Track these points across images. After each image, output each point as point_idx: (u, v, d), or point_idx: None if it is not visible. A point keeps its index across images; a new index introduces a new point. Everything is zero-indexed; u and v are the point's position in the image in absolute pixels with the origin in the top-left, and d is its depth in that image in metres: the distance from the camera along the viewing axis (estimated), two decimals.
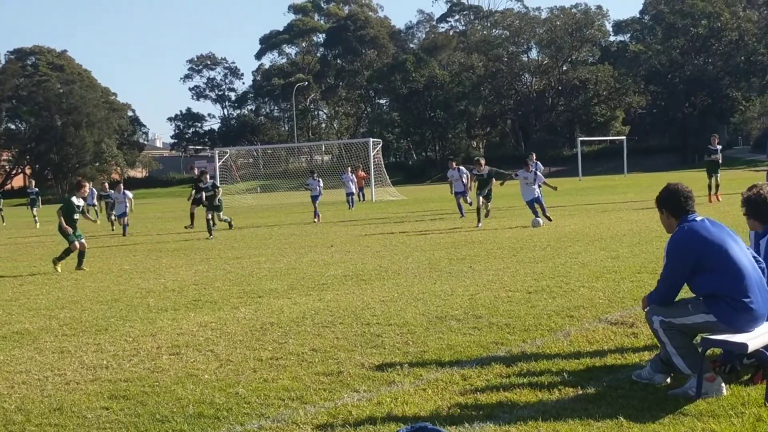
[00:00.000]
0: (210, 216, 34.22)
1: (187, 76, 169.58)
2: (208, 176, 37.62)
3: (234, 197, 76.60)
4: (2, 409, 8.94)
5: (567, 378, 9.08)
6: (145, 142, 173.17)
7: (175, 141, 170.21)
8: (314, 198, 44.51)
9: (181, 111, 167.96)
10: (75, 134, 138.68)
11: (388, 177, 74.33)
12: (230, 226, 37.57)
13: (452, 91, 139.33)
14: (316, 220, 41.81)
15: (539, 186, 31.66)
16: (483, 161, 34.79)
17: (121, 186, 41.42)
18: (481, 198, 33.40)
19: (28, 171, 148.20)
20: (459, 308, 13.71)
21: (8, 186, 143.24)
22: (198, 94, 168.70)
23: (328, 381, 9.48)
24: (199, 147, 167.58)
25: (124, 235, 38.25)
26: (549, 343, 10.81)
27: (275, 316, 13.91)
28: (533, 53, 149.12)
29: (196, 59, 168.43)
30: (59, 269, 22.87)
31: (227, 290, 17.48)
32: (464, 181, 37.95)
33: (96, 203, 48.70)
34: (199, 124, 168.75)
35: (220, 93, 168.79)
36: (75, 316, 15.09)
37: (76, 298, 17.38)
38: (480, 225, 31.23)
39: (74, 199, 23.73)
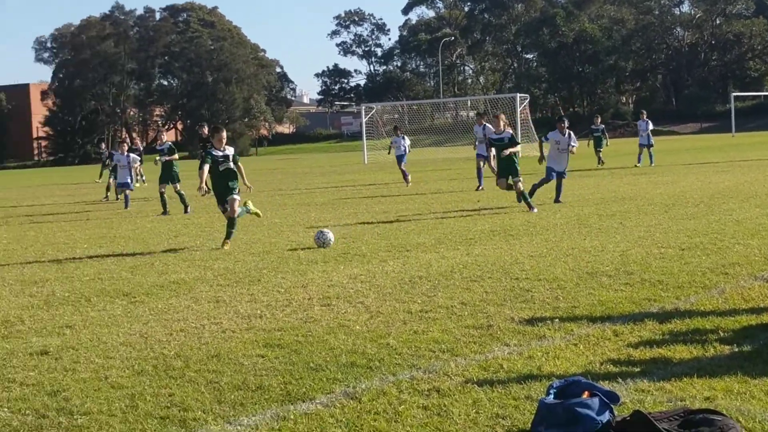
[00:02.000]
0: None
1: (334, 32, 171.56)
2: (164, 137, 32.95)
3: (380, 152, 76.94)
4: (162, 355, 9.20)
5: (722, 335, 8.93)
6: (293, 98, 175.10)
7: (322, 97, 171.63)
8: (399, 158, 38.54)
9: (327, 67, 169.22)
10: (225, 90, 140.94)
11: (535, 132, 73.66)
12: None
13: (601, 45, 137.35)
14: (407, 183, 37.08)
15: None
16: (503, 118, 24.55)
17: (125, 147, 33.87)
18: (501, 177, 24.11)
19: (179, 126, 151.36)
20: (610, 264, 13.58)
21: (158, 142, 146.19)
22: (345, 50, 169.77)
23: (477, 334, 9.51)
24: (345, 103, 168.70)
25: (125, 208, 31.61)
26: (703, 300, 10.64)
27: (423, 270, 13.99)
28: (685, 6, 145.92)
29: (343, 15, 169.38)
30: (227, 247, 18.02)
31: (375, 244, 17.61)
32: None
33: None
34: (346, 80, 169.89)
35: (366, 49, 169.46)
36: (229, 267, 15.41)
37: (229, 249, 17.72)
38: (535, 210, 22.63)
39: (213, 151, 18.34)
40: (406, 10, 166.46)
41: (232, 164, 18.22)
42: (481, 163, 32.92)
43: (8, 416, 7.37)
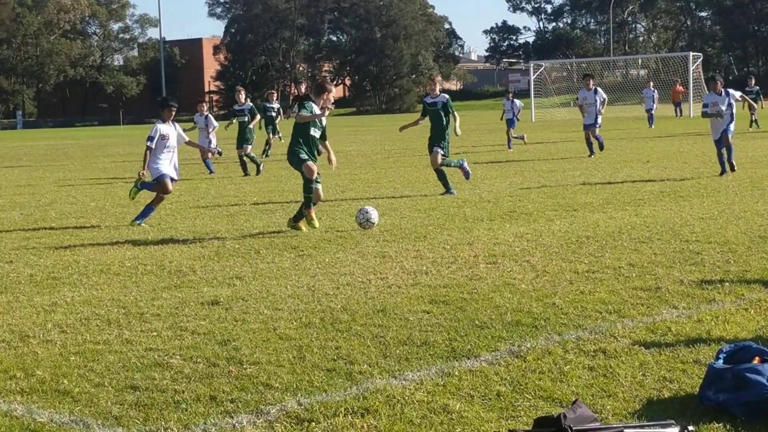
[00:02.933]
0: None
1: None
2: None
3: (548, 110, 76.29)
4: (329, 308, 9.33)
5: None
6: (461, 55, 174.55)
7: (490, 54, 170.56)
8: (509, 122, 36.18)
9: (496, 24, 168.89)
10: (393, 47, 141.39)
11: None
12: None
13: None
14: (510, 149, 34.88)
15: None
16: (439, 80, 21.29)
17: (204, 106, 30.27)
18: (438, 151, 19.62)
19: (348, 82, 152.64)
20: None
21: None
22: (515, 6, 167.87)
23: (645, 296, 9.38)
24: (514, 60, 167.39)
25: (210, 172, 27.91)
26: None
27: (591, 230, 13.85)
28: None
29: None
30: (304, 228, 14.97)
31: (542, 202, 17.50)
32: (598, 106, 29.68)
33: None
34: (514, 37, 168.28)
35: (536, 5, 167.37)
36: (394, 222, 15.51)
37: (394, 206, 17.84)
38: (453, 192, 19.62)
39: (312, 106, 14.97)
40: None
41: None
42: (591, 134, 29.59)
43: (180, 363, 7.58)
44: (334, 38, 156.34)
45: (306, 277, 11.05)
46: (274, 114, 34.54)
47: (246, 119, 27.73)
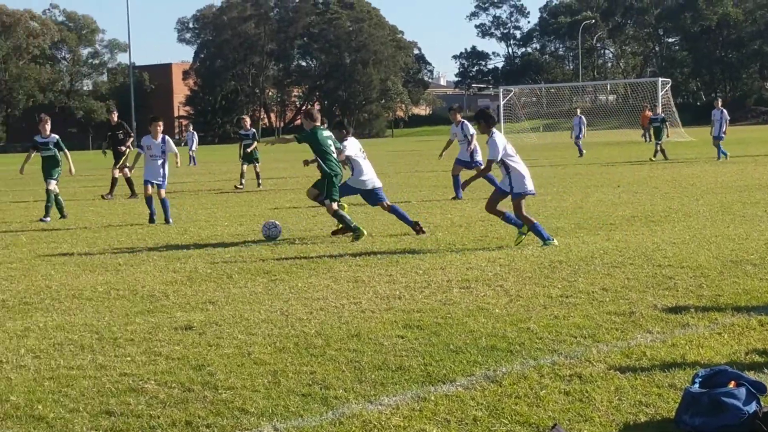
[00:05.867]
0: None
1: (473, 14, 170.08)
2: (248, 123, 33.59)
3: (518, 135, 76.57)
4: (303, 333, 9.30)
5: None
6: (430, 80, 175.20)
7: (459, 79, 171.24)
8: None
9: (465, 49, 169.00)
10: (362, 72, 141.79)
11: (678, 117, 72.26)
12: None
13: (745, 29, 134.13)
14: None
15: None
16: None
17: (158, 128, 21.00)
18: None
19: (317, 107, 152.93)
20: (755, 253, 13.29)
21: (298, 121, 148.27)
22: (483, 32, 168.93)
23: (620, 321, 9.40)
24: (483, 85, 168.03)
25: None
26: None
27: (563, 254, 13.87)
28: None
29: None
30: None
31: (513, 228, 17.50)
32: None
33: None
34: (484, 63, 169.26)
35: (505, 31, 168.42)
36: (366, 247, 15.49)
37: (368, 230, 17.80)
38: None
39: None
40: None
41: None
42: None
43: (155, 389, 7.54)
44: (304, 63, 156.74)
45: (279, 301, 11.02)
46: (249, 141, 32.68)
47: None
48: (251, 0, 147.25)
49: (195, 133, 57.63)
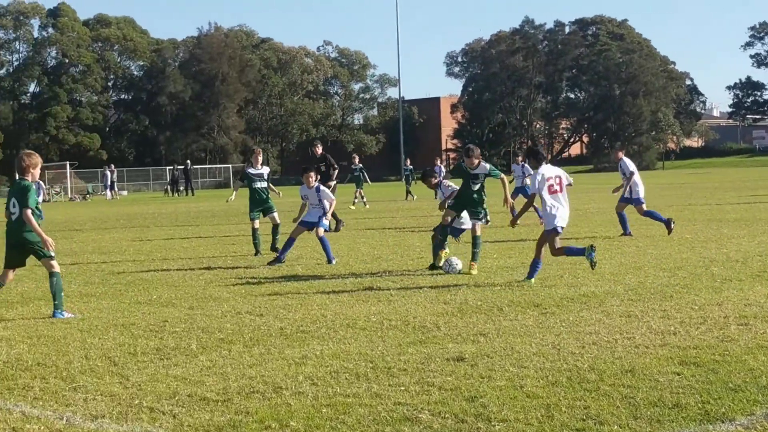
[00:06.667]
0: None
1: (747, 44, 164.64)
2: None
3: None
4: (576, 367, 9.22)
5: None
6: (702, 111, 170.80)
7: (733, 110, 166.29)
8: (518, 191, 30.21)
9: (740, 79, 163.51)
10: (632, 103, 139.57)
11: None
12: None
13: None
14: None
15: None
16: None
17: (311, 178, 20.32)
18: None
19: (585, 139, 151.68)
20: None
21: (566, 154, 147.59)
22: (759, 61, 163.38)
23: None
24: (758, 116, 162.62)
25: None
26: None
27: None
28: None
29: (757, 26, 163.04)
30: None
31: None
32: None
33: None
34: (759, 93, 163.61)
35: None
36: (639, 281, 15.22)
37: (638, 264, 17.51)
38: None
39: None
40: None
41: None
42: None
43: (429, 419, 7.63)
44: (572, 95, 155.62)
45: (550, 335, 10.96)
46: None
47: (264, 185, 22.93)
48: (520, 33, 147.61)
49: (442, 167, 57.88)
